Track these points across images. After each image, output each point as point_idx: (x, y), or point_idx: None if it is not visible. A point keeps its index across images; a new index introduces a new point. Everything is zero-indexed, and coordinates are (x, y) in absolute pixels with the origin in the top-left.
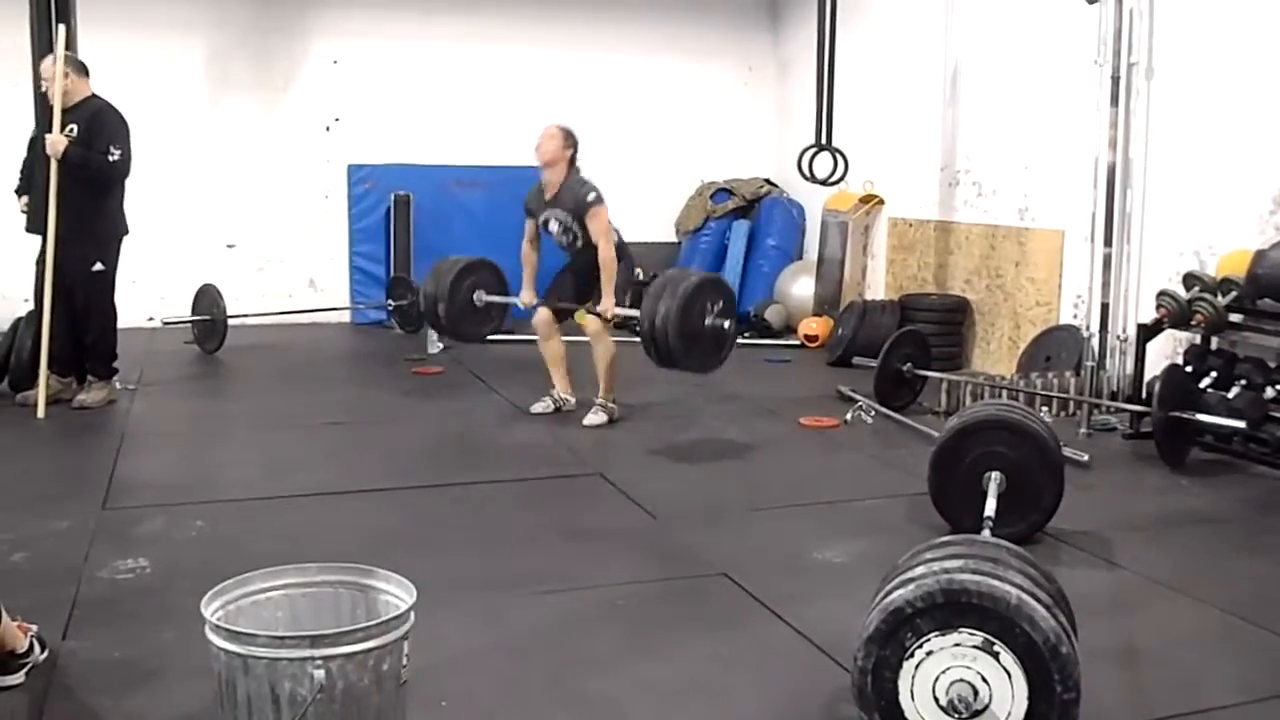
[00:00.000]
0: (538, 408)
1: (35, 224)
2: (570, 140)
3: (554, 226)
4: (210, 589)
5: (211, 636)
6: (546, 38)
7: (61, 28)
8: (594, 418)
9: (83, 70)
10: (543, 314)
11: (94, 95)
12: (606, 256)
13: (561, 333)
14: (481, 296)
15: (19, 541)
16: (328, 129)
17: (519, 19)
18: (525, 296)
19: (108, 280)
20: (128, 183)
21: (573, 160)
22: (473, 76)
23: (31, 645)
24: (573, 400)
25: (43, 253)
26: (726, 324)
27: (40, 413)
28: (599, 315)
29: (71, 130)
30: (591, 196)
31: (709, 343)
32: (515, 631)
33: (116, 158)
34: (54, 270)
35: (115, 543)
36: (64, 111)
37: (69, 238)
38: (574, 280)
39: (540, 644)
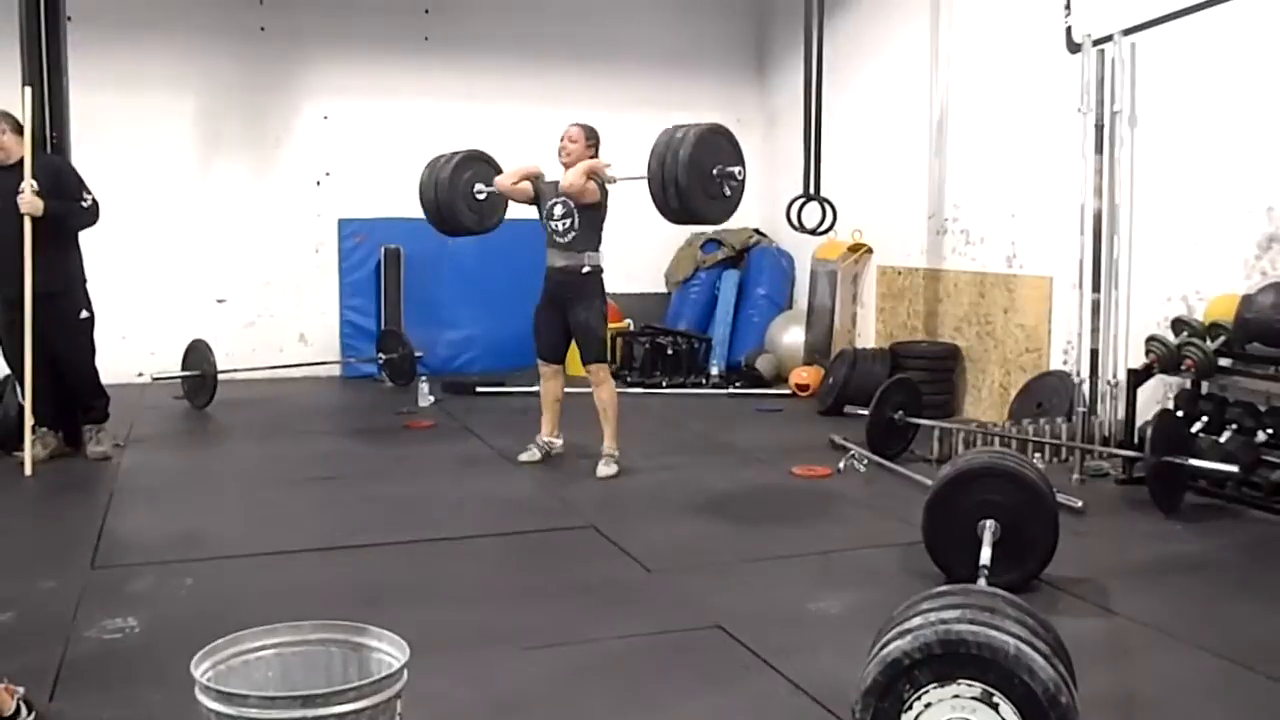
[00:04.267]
0: (525, 457)
1: (6, 288)
2: (592, 139)
3: (558, 210)
4: (200, 648)
5: (201, 698)
6: (536, 91)
7: (28, 90)
8: (605, 469)
9: (20, 128)
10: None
11: (40, 151)
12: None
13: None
14: (481, 188)
15: (6, 601)
16: (318, 183)
17: (508, 73)
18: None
19: (91, 326)
20: (107, 234)
21: (593, 157)
22: (463, 130)
23: (19, 707)
24: (559, 443)
25: (8, 313)
26: (737, 170)
27: (28, 470)
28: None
29: (31, 186)
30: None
31: (719, 191)
32: (508, 688)
33: (90, 203)
34: (41, 325)
35: (104, 601)
36: (13, 169)
37: (59, 290)
38: (552, 311)
39: (534, 700)
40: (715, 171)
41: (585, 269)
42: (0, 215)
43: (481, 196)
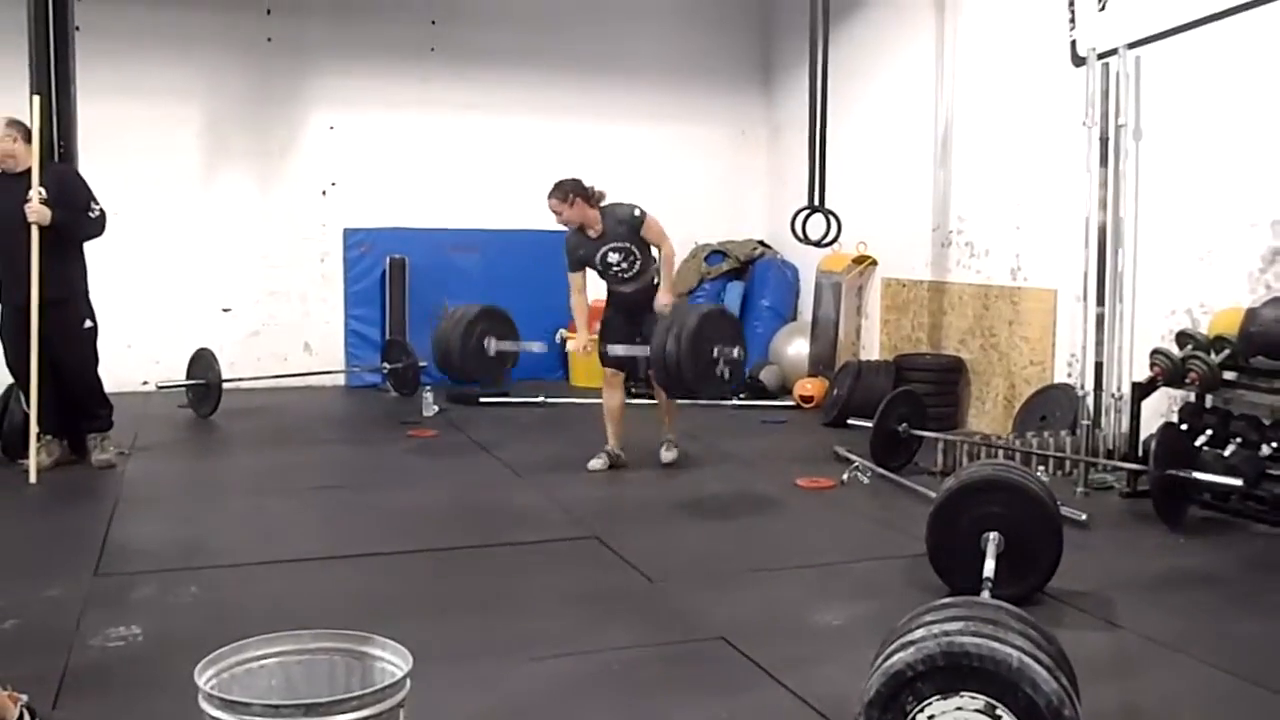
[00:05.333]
0: (594, 464)
1: (11, 295)
2: (567, 194)
3: (614, 257)
4: (204, 657)
5: (205, 706)
6: (541, 103)
7: (37, 98)
8: (668, 454)
9: (29, 136)
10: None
11: (48, 160)
12: (669, 252)
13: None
14: (492, 344)
15: (9, 608)
16: (324, 193)
17: (514, 84)
18: (581, 339)
19: (95, 336)
20: (113, 243)
21: (588, 199)
22: (468, 141)
23: (22, 715)
24: (623, 455)
25: (14, 320)
26: (735, 352)
27: (33, 477)
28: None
29: (39, 194)
30: (638, 212)
31: (718, 372)
32: (511, 698)
33: (97, 214)
34: (45, 333)
35: (107, 609)
36: (21, 176)
37: (63, 298)
38: (625, 319)
39: (537, 711)
40: (715, 351)
41: (655, 281)
42: (7, 223)
43: (492, 353)
